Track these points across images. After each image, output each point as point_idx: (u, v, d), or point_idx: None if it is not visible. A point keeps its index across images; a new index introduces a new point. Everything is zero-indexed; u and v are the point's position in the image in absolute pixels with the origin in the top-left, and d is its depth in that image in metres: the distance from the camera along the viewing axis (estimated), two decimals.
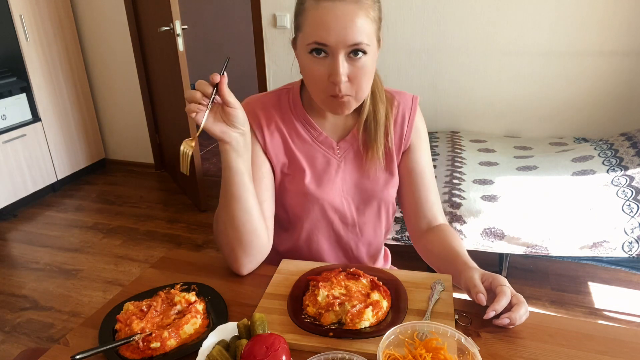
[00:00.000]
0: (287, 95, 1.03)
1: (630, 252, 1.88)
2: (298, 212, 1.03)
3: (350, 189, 1.03)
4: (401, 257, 2.50)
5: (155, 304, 0.84)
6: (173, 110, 3.07)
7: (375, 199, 1.05)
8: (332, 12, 0.83)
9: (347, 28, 0.83)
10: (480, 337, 0.79)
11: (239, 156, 0.87)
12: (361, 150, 1.02)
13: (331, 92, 0.88)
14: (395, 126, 1.03)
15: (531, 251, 1.96)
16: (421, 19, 2.81)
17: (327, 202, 1.02)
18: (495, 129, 2.94)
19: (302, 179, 1.01)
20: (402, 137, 1.04)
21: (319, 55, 0.86)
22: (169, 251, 1.08)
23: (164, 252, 2.59)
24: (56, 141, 3.31)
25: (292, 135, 1.01)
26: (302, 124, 1.01)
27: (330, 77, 0.87)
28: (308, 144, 1.01)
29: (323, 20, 0.83)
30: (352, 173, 1.03)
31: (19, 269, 2.50)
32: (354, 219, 1.06)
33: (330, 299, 0.81)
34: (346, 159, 1.02)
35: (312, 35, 0.85)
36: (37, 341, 1.98)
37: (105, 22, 3.38)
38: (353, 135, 1.02)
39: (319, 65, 0.87)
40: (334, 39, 0.83)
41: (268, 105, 1.02)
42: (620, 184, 2.00)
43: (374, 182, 1.03)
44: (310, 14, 0.85)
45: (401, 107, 1.04)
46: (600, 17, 2.54)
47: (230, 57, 1.02)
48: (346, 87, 0.88)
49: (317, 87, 0.90)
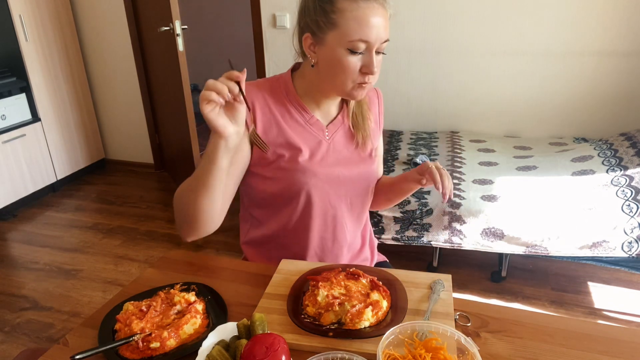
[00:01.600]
0: (279, 82, 1.10)
1: (630, 252, 1.88)
2: (296, 188, 1.05)
3: (343, 163, 1.11)
4: (401, 257, 2.51)
5: (155, 304, 0.84)
6: (173, 110, 3.07)
7: (362, 175, 1.14)
8: (373, 12, 0.93)
9: (382, 26, 0.94)
10: (479, 337, 0.79)
11: (227, 153, 0.89)
12: (352, 130, 1.13)
13: (361, 81, 0.99)
14: (371, 115, 1.17)
15: (531, 251, 1.96)
16: (421, 19, 2.81)
17: (323, 175, 1.07)
18: (495, 129, 2.94)
19: (298, 156, 1.05)
20: (377, 123, 1.19)
21: (358, 51, 0.95)
22: (169, 251, 1.08)
23: (163, 252, 2.59)
24: (56, 141, 3.31)
25: (286, 117, 1.07)
26: (295, 107, 1.08)
27: (365, 69, 0.97)
28: (301, 125, 1.08)
29: (367, 20, 0.93)
30: (342, 152, 1.12)
31: (18, 269, 2.50)
32: (347, 189, 1.12)
33: (330, 299, 0.81)
34: (334, 140, 1.11)
35: (356, 33, 0.93)
36: (37, 341, 1.98)
37: (105, 22, 3.38)
38: (340, 120, 1.12)
39: (355, 60, 0.96)
40: (375, 36, 0.94)
41: (262, 89, 1.07)
42: (619, 183, 2.00)
43: (362, 158, 1.14)
44: (350, 14, 0.93)
45: (372, 99, 1.19)
46: (600, 17, 2.54)
47: (230, 57, 1.02)
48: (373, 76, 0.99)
49: (349, 78, 0.98)
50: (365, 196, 1.18)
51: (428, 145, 2.72)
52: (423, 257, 2.41)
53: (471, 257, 2.40)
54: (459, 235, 2.01)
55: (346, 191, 1.12)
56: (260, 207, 1.12)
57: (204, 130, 4.62)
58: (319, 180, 1.06)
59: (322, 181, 1.07)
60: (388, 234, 2.09)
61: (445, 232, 2.01)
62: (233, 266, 1.04)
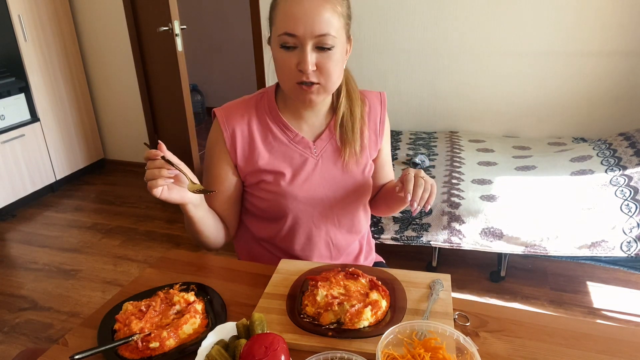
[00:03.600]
0: (262, 99, 1.07)
1: (629, 251, 1.88)
2: (278, 211, 1.06)
3: (329, 184, 1.08)
4: (400, 256, 2.51)
5: (154, 304, 0.84)
6: (172, 110, 3.07)
7: (353, 191, 1.10)
8: (300, 5, 0.89)
9: (314, 19, 0.89)
10: (479, 337, 0.79)
11: (198, 208, 0.97)
12: (339, 146, 1.07)
13: (299, 79, 0.93)
14: (371, 124, 1.11)
15: (530, 251, 1.97)
16: (420, 19, 2.81)
17: (305, 199, 1.06)
18: (494, 129, 2.94)
19: (280, 181, 1.04)
20: (377, 133, 1.12)
21: (289, 48, 0.91)
22: (168, 251, 1.08)
23: (162, 252, 2.59)
24: (55, 141, 3.31)
25: (269, 139, 1.05)
26: (279, 126, 1.05)
27: (299, 66, 0.91)
28: (285, 145, 1.05)
29: (292, 12, 0.89)
30: (330, 169, 1.08)
31: (17, 269, 2.50)
32: (332, 210, 1.09)
33: (329, 299, 0.81)
34: (323, 157, 1.07)
35: (283, 27, 0.90)
36: (36, 341, 1.98)
37: (104, 22, 3.37)
38: (329, 133, 1.07)
39: (289, 56, 0.92)
40: (302, 29, 0.89)
41: (246, 111, 1.05)
42: (618, 183, 2.00)
43: (352, 175, 1.09)
44: (280, 8, 0.91)
45: (373, 105, 1.12)
46: (599, 17, 2.54)
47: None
48: (314, 75, 0.92)
49: (287, 76, 0.94)
50: (354, 213, 1.14)
51: (427, 145, 2.72)
52: (422, 256, 2.41)
53: (470, 257, 2.40)
54: (458, 235, 2.01)
55: (332, 212, 1.09)
56: (250, 215, 1.13)
57: (203, 130, 4.62)
58: (300, 204, 1.05)
59: (305, 204, 1.06)
60: (387, 234, 2.09)
61: (444, 232, 2.02)
62: (232, 266, 1.04)
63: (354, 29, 1.00)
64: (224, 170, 1.06)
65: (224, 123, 1.03)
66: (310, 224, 1.08)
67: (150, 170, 0.87)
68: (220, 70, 4.84)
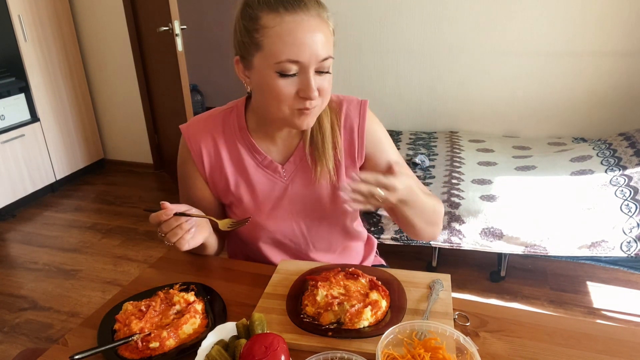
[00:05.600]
0: (231, 115, 0.99)
1: (629, 251, 1.88)
2: (246, 238, 1.05)
3: (300, 210, 1.01)
4: (400, 256, 2.51)
5: (154, 304, 0.84)
6: (172, 110, 3.07)
7: (327, 214, 1.02)
8: (300, 27, 0.79)
9: (317, 43, 0.80)
10: (478, 337, 0.79)
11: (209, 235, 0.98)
12: (310, 165, 0.98)
13: (299, 106, 0.84)
14: (345, 135, 0.99)
15: (530, 251, 1.97)
16: (420, 19, 2.81)
17: (274, 229, 1.01)
18: (494, 129, 2.94)
19: (246, 209, 1.00)
20: (354, 147, 0.99)
21: (289, 73, 0.81)
22: (168, 251, 1.08)
23: (162, 252, 2.57)
24: (55, 141, 3.31)
25: (236, 162, 0.99)
26: (247, 148, 0.98)
27: (302, 93, 0.82)
28: (253, 168, 0.98)
29: (293, 37, 0.79)
30: (301, 192, 1.00)
31: (17, 270, 2.50)
32: (305, 238, 1.04)
33: (329, 299, 0.81)
34: (293, 180, 0.99)
35: (283, 53, 0.79)
36: (36, 341, 1.98)
37: (104, 22, 3.37)
38: (299, 153, 0.99)
39: (289, 84, 0.82)
40: (307, 55, 0.79)
41: (213, 128, 0.99)
42: (618, 183, 2.00)
43: (325, 197, 1.00)
44: (273, 31, 0.79)
45: (349, 115, 0.99)
46: (600, 17, 2.54)
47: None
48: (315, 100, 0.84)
49: (283, 104, 0.84)
50: (331, 234, 1.05)
51: (427, 145, 2.72)
52: (422, 256, 2.41)
53: (470, 257, 2.40)
54: (458, 235, 2.01)
55: (304, 237, 1.04)
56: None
57: None
58: (269, 233, 1.01)
59: (274, 234, 1.02)
60: (387, 234, 2.09)
61: (444, 232, 2.02)
62: (232, 266, 1.04)
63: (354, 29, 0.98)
64: (200, 190, 1.02)
65: (190, 140, 0.98)
66: (283, 249, 1.06)
67: (172, 232, 0.86)
68: (220, 70, 4.84)
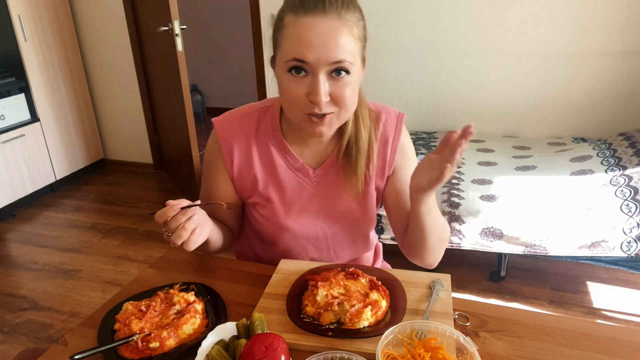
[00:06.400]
0: (266, 115, 0.99)
1: (629, 251, 1.88)
2: (272, 237, 1.04)
3: (326, 216, 1.02)
4: (400, 257, 2.51)
5: (154, 304, 0.84)
6: (172, 110, 3.07)
7: (351, 223, 1.03)
8: (312, 28, 0.78)
9: (328, 45, 0.79)
10: (478, 337, 0.79)
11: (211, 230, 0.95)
12: (342, 174, 0.98)
13: (309, 110, 0.83)
14: (379, 147, 0.99)
15: (530, 251, 1.97)
16: (420, 19, 2.81)
17: (299, 231, 1.01)
18: (494, 129, 2.94)
19: (274, 209, 1.00)
20: (385, 160, 1.00)
21: (299, 74, 0.81)
22: (168, 251, 1.08)
23: (162, 252, 2.58)
24: (55, 141, 3.31)
25: (267, 162, 0.98)
26: (279, 150, 0.98)
27: (310, 96, 0.81)
28: (283, 170, 0.98)
29: (303, 36, 0.79)
30: (329, 199, 1.00)
31: (17, 269, 2.50)
32: (328, 244, 1.05)
33: (329, 299, 0.81)
34: (323, 185, 1.00)
35: (291, 52, 0.80)
36: (36, 341, 1.98)
37: (104, 22, 3.37)
38: (332, 161, 0.98)
39: (298, 84, 0.81)
40: (314, 56, 0.78)
41: (246, 129, 0.98)
42: (618, 183, 2.00)
43: (353, 206, 1.01)
44: (289, 30, 0.80)
45: (386, 127, 0.99)
46: (600, 17, 2.54)
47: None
48: (327, 106, 0.82)
49: (295, 106, 0.84)
50: (353, 245, 1.07)
51: (427, 145, 2.72)
52: None
53: (470, 257, 2.40)
54: (458, 235, 2.01)
55: (327, 244, 1.05)
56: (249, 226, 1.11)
57: (203, 130, 4.62)
58: (293, 236, 1.02)
59: (298, 236, 1.02)
60: (387, 234, 2.09)
61: None
62: (232, 266, 1.04)
63: None
64: (223, 186, 1.01)
65: (222, 137, 0.98)
66: (303, 254, 1.06)
67: (177, 234, 0.81)
68: (220, 70, 4.84)
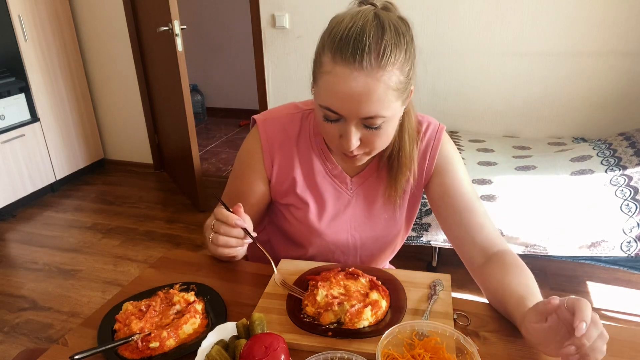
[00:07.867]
0: (309, 118, 0.98)
1: (629, 251, 1.88)
2: (301, 240, 1.04)
3: (358, 225, 1.02)
4: (400, 256, 2.51)
5: (154, 304, 0.84)
6: (172, 110, 3.07)
7: (382, 234, 1.04)
8: (347, 84, 0.75)
9: (361, 102, 0.76)
10: (478, 337, 0.79)
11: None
12: (379, 185, 0.99)
13: (342, 149, 0.84)
14: (419, 161, 0.97)
15: (530, 251, 1.97)
16: (420, 19, 2.81)
17: (330, 237, 1.01)
18: (494, 129, 2.94)
19: (308, 213, 1.00)
20: (422, 170, 0.98)
21: (332, 118, 0.81)
22: (168, 251, 1.08)
23: (162, 252, 2.59)
24: (55, 141, 3.31)
25: (306, 165, 0.98)
26: (319, 155, 0.98)
27: (341, 140, 0.82)
28: (321, 175, 0.98)
29: (336, 90, 0.76)
30: (364, 208, 1.00)
31: (17, 270, 2.50)
32: (356, 251, 1.05)
33: (329, 299, 0.81)
34: (359, 194, 1.00)
35: (325, 100, 0.79)
36: (36, 341, 1.98)
37: (104, 22, 3.38)
38: (371, 170, 0.99)
39: (331, 127, 0.82)
40: (346, 110, 0.78)
41: (289, 131, 0.98)
42: (618, 183, 2.00)
43: (387, 218, 1.02)
44: (325, 77, 0.78)
45: (426, 138, 0.97)
46: (600, 17, 2.54)
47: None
48: (358, 149, 0.83)
49: (330, 142, 0.87)
50: (380, 254, 1.07)
51: None
52: (422, 256, 2.41)
53: None
54: None
55: (355, 252, 1.05)
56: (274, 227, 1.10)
57: (203, 130, 4.62)
58: (323, 241, 1.02)
59: (328, 243, 1.02)
60: None
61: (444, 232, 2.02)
62: (232, 266, 1.03)
63: None
64: (255, 185, 1.00)
65: (265, 136, 0.97)
66: (330, 259, 1.06)
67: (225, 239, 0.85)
68: (220, 70, 4.84)
